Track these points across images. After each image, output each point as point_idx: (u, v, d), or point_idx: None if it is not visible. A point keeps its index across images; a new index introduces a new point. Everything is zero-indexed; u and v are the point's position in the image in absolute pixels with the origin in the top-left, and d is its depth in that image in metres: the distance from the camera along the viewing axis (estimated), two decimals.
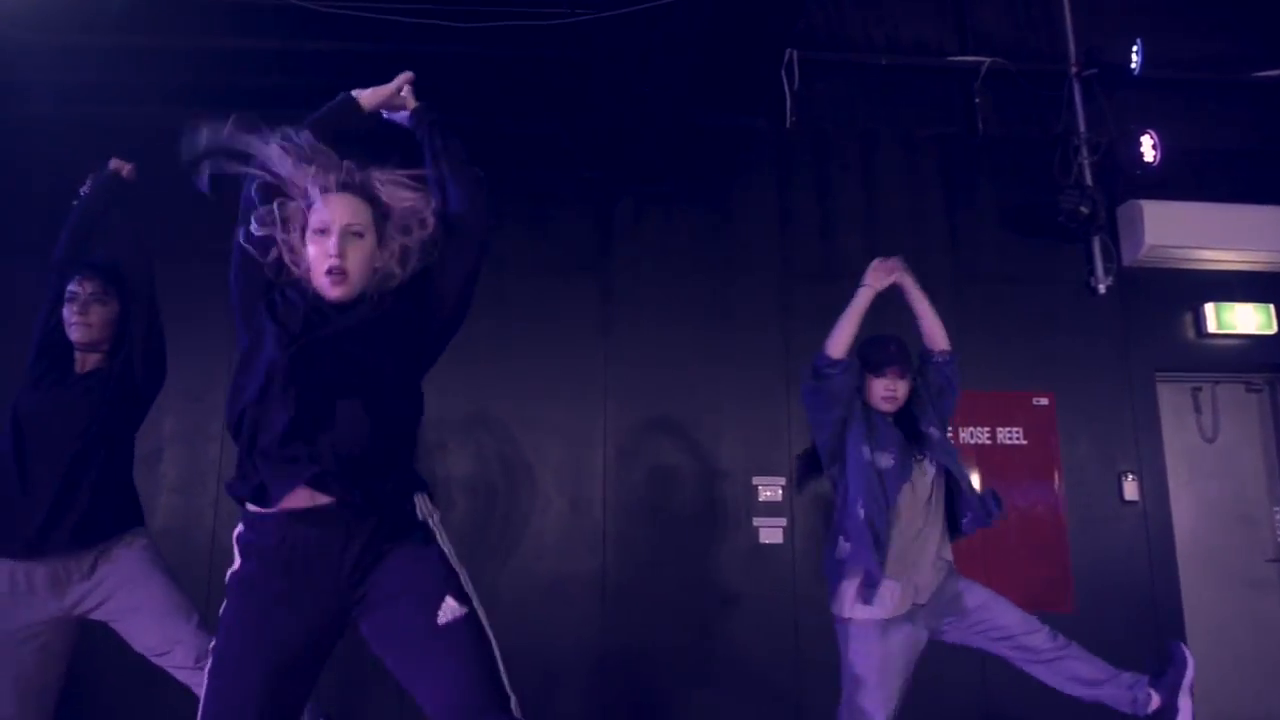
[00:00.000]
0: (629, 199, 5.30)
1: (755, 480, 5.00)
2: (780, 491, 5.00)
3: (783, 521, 4.98)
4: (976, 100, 5.78)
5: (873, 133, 5.64)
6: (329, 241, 2.09)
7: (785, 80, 5.57)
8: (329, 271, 2.09)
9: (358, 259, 2.11)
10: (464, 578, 2.08)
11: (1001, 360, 5.22)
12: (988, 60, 5.81)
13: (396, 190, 2.18)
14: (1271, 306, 5.57)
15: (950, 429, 4.84)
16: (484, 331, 4.97)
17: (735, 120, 5.46)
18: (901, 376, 3.23)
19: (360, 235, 2.12)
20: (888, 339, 3.28)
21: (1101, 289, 5.43)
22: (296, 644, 1.98)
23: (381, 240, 2.15)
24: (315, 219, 2.11)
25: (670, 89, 4.60)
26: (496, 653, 2.00)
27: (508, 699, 1.96)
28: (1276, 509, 5.70)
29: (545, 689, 4.69)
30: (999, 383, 5.13)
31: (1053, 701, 4.60)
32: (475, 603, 2.04)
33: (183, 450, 4.81)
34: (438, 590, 2.01)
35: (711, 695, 4.79)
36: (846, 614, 3.10)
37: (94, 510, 2.80)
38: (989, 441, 4.92)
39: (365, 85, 2.43)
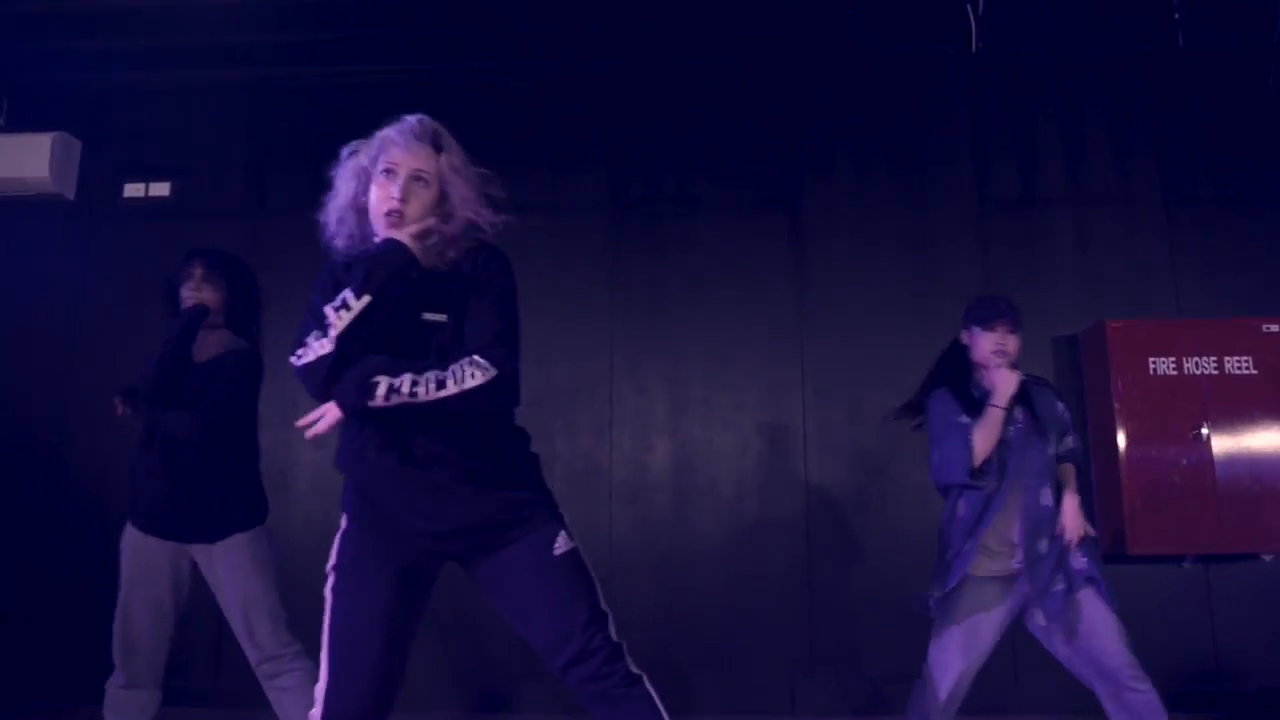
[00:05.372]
0: (815, 134, 5.15)
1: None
2: None
3: None
4: (1175, 15, 5.43)
5: (1067, 54, 5.33)
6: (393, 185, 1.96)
7: (969, 3, 5.32)
8: (387, 213, 1.96)
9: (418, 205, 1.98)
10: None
11: (1224, 286, 4.89)
12: None
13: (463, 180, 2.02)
14: None
15: (1174, 361, 4.61)
16: (675, 272, 4.91)
17: (919, 47, 5.24)
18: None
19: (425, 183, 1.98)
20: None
21: None
22: None
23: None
24: (382, 160, 1.98)
25: (869, 11, 4.45)
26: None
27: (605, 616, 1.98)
28: None
29: (748, 635, 4.59)
30: (1222, 310, 4.80)
31: None
32: None
33: None
34: None
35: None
36: None
37: None
38: (1216, 372, 4.60)
39: None
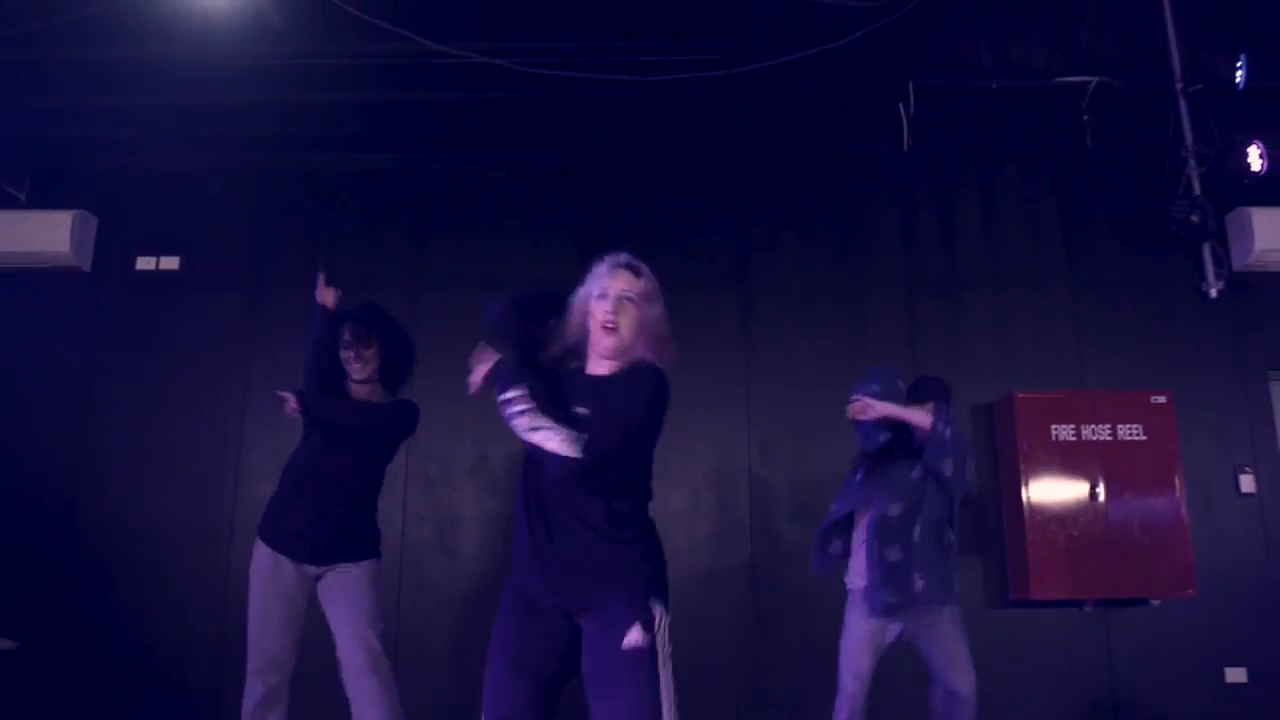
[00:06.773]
0: (763, 221, 5.79)
1: None
2: None
3: None
4: (1085, 118, 6.11)
5: (988, 152, 6.01)
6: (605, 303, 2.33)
7: (901, 106, 5.98)
8: (604, 325, 2.31)
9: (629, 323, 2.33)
10: None
11: (1120, 362, 5.55)
12: (1094, 80, 6.13)
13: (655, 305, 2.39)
14: None
15: (1073, 428, 5.24)
16: None
17: (857, 146, 5.90)
18: None
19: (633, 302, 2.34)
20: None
21: (1213, 293, 5.69)
22: None
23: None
24: (595, 286, 2.37)
25: (810, 120, 5.08)
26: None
27: None
28: None
29: (698, 673, 5.13)
30: (1119, 383, 5.45)
31: None
32: None
33: None
34: None
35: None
36: None
37: None
38: (1110, 438, 5.23)
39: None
